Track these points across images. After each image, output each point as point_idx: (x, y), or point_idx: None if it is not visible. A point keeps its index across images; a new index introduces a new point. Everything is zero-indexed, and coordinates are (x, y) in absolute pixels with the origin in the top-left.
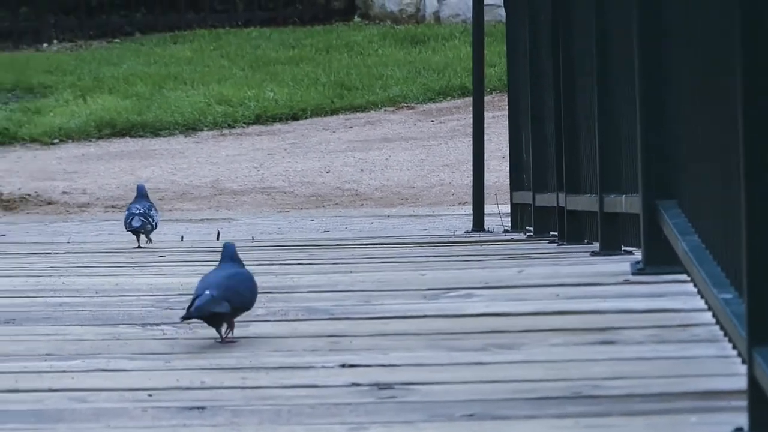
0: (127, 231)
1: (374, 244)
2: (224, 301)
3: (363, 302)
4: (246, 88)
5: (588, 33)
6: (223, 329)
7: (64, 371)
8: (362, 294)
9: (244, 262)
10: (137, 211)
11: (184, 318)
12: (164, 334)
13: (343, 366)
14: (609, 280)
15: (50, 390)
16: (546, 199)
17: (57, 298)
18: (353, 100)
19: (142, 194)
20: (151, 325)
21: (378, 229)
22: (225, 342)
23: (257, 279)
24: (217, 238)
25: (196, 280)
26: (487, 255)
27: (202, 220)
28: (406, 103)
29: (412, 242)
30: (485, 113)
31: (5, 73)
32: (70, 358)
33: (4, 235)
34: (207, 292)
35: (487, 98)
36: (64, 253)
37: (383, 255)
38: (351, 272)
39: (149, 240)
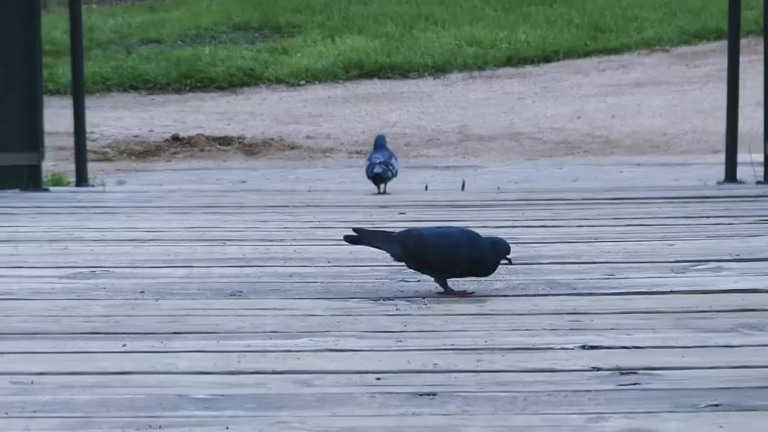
0: (368, 179)
1: (621, 199)
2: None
3: (607, 275)
4: (498, 29)
5: None
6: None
7: (289, 350)
8: (607, 266)
9: (489, 219)
10: (378, 160)
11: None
12: (397, 309)
13: (583, 347)
14: None
15: (274, 372)
16: None
17: (287, 268)
18: (607, 42)
19: (381, 144)
20: (384, 299)
21: (628, 179)
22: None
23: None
24: (462, 189)
25: None
26: (738, 216)
27: (447, 167)
28: (661, 46)
29: (661, 197)
30: (741, 57)
31: (253, 11)
32: (297, 336)
33: (245, 182)
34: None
35: (743, 42)
36: (304, 206)
37: (631, 214)
38: (596, 240)
39: (386, 190)
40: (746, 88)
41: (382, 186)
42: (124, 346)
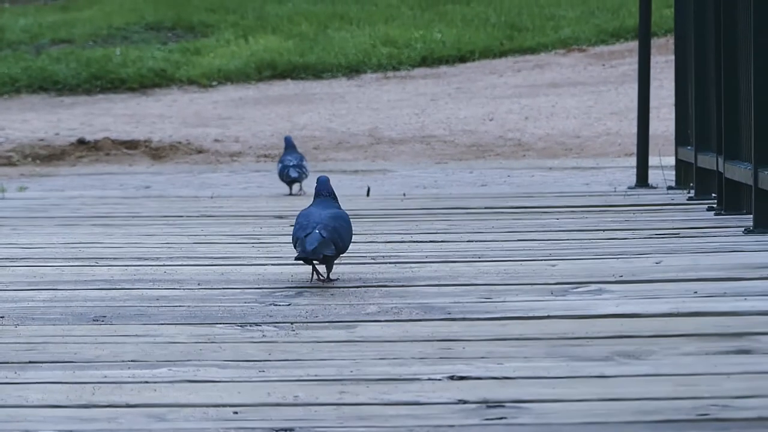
0: (284, 182)
1: (523, 208)
2: (332, 243)
3: (484, 299)
4: (413, 28)
5: None
6: (321, 269)
7: (147, 381)
8: (484, 289)
9: (382, 232)
10: (291, 163)
11: (298, 258)
12: (263, 336)
13: (451, 378)
14: (754, 273)
15: (128, 405)
16: (707, 161)
17: (155, 291)
18: (523, 41)
19: (290, 145)
20: (251, 324)
21: (538, 183)
22: (325, 281)
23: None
24: (367, 195)
25: (309, 270)
26: (634, 230)
27: (356, 171)
28: (578, 45)
29: (565, 206)
30: (658, 57)
31: (166, 10)
32: (156, 366)
33: (149, 187)
34: (316, 231)
35: (661, 41)
36: (198, 216)
37: (525, 227)
38: (478, 260)
39: (301, 190)
40: (663, 88)
41: (295, 187)
42: None
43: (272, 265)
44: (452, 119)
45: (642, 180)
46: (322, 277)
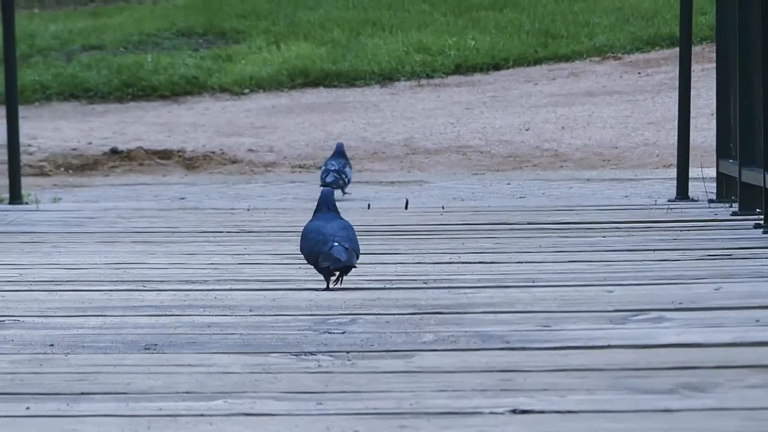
0: (321, 186)
1: (567, 224)
2: (353, 252)
3: (542, 327)
4: (446, 35)
5: None
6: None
7: (202, 414)
8: (542, 316)
9: (428, 251)
10: (332, 168)
11: (333, 268)
12: (319, 366)
13: (514, 412)
14: None
15: None
16: (752, 177)
17: (206, 317)
18: (557, 49)
19: (339, 151)
20: (306, 354)
21: (577, 195)
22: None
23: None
24: (405, 208)
25: (362, 296)
26: (685, 250)
27: (392, 182)
28: (613, 53)
29: (608, 221)
30: (693, 65)
31: (197, 16)
32: (211, 398)
33: (183, 198)
34: (336, 244)
35: (696, 49)
36: (237, 231)
37: (573, 246)
38: (533, 285)
39: (344, 193)
40: (700, 97)
41: (337, 193)
42: (27, 408)
43: (324, 290)
44: (488, 129)
45: (682, 192)
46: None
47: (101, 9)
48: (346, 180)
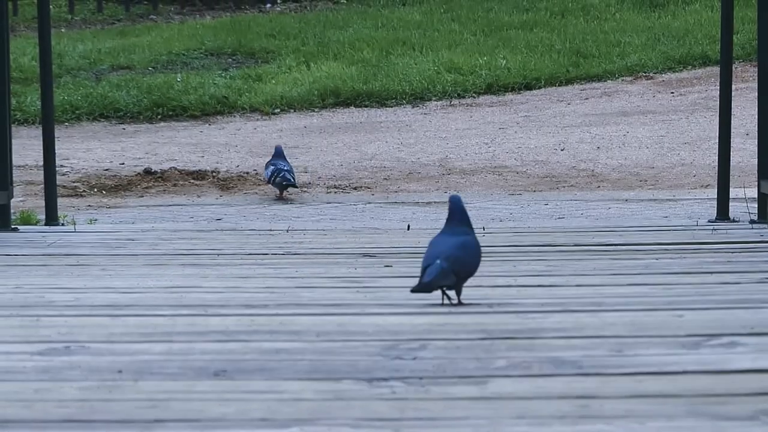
0: (280, 183)
1: (615, 245)
2: (451, 273)
3: (615, 352)
4: (477, 54)
5: None
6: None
7: None
8: (614, 341)
9: (481, 275)
10: (286, 167)
11: (414, 290)
12: (393, 393)
13: None
14: None
15: None
16: None
17: (274, 343)
18: (589, 68)
19: (280, 153)
20: (378, 380)
21: (616, 216)
22: (454, 305)
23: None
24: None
25: (429, 320)
26: (742, 272)
27: (429, 203)
28: (645, 72)
29: (655, 243)
30: None
31: (226, 36)
32: (286, 425)
33: (220, 219)
34: (438, 262)
35: None
36: (283, 254)
37: (628, 269)
38: (600, 309)
39: (302, 191)
40: (735, 117)
41: (284, 192)
42: None
43: (389, 314)
44: (523, 149)
45: (723, 213)
46: (453, 301)
47: (128, 28)
48: (295, 180)
